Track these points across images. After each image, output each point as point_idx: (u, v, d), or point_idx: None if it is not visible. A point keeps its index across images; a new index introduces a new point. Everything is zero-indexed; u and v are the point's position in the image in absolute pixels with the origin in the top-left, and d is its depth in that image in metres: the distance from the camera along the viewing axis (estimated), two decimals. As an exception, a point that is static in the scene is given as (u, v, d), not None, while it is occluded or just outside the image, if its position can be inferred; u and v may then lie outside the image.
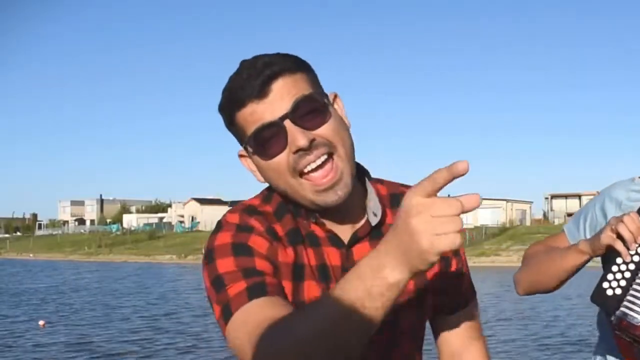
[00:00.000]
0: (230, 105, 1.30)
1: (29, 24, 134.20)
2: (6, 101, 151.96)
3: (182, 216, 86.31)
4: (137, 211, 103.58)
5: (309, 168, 1.27)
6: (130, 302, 23.31)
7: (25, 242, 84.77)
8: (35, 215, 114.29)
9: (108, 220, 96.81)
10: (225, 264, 1.25)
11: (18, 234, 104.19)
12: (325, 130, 1.27)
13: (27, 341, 14.99)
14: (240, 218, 1.32)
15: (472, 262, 39.18)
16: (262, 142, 1.28)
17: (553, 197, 73.82)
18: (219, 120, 1.38)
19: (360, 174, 1.39)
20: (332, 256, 1.33)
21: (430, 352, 1.56)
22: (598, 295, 1.74)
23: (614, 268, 1.69)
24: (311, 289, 1.29)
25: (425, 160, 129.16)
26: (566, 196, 72.24)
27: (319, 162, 1.26)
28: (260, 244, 1.27)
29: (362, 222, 1.36)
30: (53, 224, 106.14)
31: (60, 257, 68.14)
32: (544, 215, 72.79)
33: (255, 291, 1.21)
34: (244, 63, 1.31)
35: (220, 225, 1.33)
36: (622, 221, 1.67)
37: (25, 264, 55.92)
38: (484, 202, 66.57)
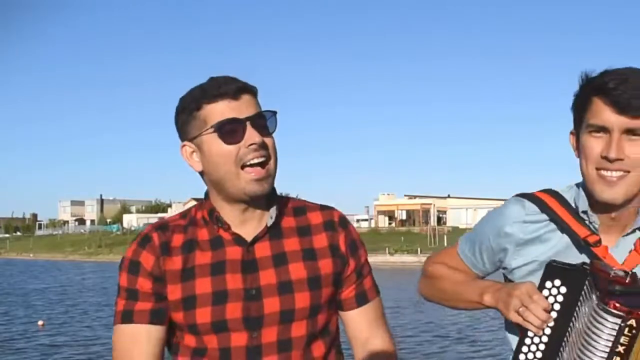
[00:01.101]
0: (204, 96, 1.63)
1: (32, 27, 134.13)
2: (6, 100, 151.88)
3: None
4: (137, 211, 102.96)
5: (251, 162, 1.62)
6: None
7: (25, 242, 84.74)
8: (35, 215, 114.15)
9: (108, 220, 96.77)
10: (122, 278, 1.69)
11: (18, 234, 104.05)
12: (269, 141, 1.67)
13: (30, 342, 15.12)
14: (148, 230, 1.72)
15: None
16: (225, 132, 1.61)
17: (551, 197, 73.44)
18: None
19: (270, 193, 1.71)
20: (234, 253, 1.67)
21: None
22: None
23: (527, 341, 1.70)
24: (202, 284, 1.65)
25: (425, 162, 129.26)
26: (564, 196, 71.70)
27: (260, 159, 1.63)
28: (148, 260, 1.67)
29: (264, 225, 1.71)
30: (53, 224, 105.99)
31: (60, 257, 68.12)
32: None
33: (125, 317, 1.66)
34: (214, 77, 1.65)
35: (136, 236, 1.76)
36: (528, 309, 1.64)
37: (27, 264, 55.86)
38: (484, 202, 66.64)
